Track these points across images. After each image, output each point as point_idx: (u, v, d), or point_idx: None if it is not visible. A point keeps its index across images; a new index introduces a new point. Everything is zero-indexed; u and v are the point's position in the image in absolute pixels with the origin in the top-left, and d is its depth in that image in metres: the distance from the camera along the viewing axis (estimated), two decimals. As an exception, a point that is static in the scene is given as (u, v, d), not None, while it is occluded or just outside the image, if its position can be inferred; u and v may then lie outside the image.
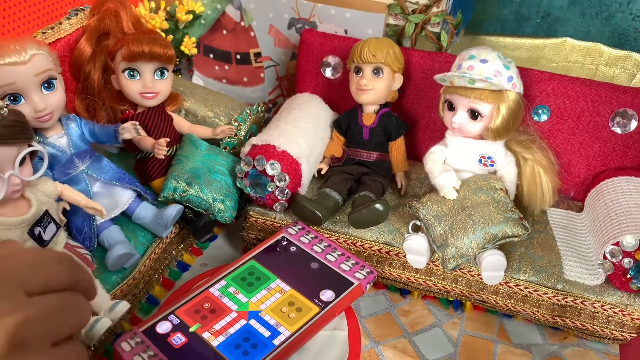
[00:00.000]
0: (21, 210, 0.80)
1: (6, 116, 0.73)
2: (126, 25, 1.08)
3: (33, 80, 0.86)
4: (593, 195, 1.06)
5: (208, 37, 1.37)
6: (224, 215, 1.03)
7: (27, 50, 0.85)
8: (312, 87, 1.23)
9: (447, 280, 1.01)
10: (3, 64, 0.84)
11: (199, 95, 1.17)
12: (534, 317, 0.99)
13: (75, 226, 0.92)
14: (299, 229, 1.00)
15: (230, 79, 1.42)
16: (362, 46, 1.05)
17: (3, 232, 0.77)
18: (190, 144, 1.06)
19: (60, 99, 0.91)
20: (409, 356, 0.96)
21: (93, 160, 0.95)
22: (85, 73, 1.07)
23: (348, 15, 1.21)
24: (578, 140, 1.10)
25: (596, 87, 1.07)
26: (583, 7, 1.50)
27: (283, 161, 1.00)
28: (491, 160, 1.00)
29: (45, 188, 0.84)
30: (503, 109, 0.95)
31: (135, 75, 1.01)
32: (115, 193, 0.96)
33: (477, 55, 0.96)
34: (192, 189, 1.00)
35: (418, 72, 1.14)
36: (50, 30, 1.07)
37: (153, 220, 0.97)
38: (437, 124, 1.16)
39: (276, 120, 1.12)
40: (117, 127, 0.95)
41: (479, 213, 0.93)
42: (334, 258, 0.93)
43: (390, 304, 1.06)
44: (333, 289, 0.87)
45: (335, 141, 1.14)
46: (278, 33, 1.31)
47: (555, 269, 0.96)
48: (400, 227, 1.02)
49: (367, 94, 1.07)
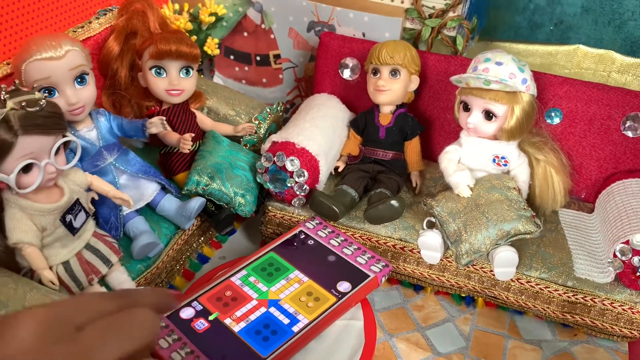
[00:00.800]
0: (54, 198, 0.84)
1: (44, 107, 0.77)
2: (153, 25, 1.12)
3: (67, 75, 0.90)
4: (604, 197, 1.09)
5: (229, 38, 1.41)
6: (244, 209, 1.06)
7: (63, 46, 0.90)
8: (330, 87, 1.27)
9: (460, 276, 1.03)
10: (40, 58, 0.88)
11: (220, 94, 1.21)
12: (545, 314, 1.01)
13: (102, 216, 0.96)
14: (317, 223, 1.03)
15: (249, 79, 1.46)
16: (381, 48, 1.09)
17: (37, 217, 0.81)
18: (212, 140, 1.10)
19: (91, 93, 0.95)
20: (422, 349, 0.99)
21: (121, 153, 0.99)
22: (112, 70, 1.11)
23: (366, 19, 1.25)
24: (590, 143, 1.13)
25: (608, 91, 1.10)
26: (596, 15, 1.52)
27: (302, 158, 1.03)
28: (505, 160, 1.03)
29: (76, 178, 0.88)
30: (517, 110, 0.98)
31: (162, 73, 1.05)
32: (140, 185, 1.00)
33: (492, 58, 0.99)
34: (214, 183, 1.03)
35: (434, 75, 1.18)
36: (80, 29, 1.12)
37: (177, 212, 1.01)
38: (451, 125, 1.19)
39: (295, 119, 1.15)
40: (144, 122, 0.99)
41: (493, 210, 0.95)
42: (350, 252, 0.97)
43: (404, 298, 1.09)
44: (349, 281, 0.90)
45: (352, 140, 1.17)
46: (297, 35, 1.34)
47: (566, 267, 0.98)
48: (414, 224, 1.04)
49: (384, 94, 1.10)
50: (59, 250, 0.85)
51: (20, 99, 0.75)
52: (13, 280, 0.78)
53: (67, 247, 0.86)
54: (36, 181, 0.78)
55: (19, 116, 0.74)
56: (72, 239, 0.86)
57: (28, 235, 0.80)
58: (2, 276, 0.78)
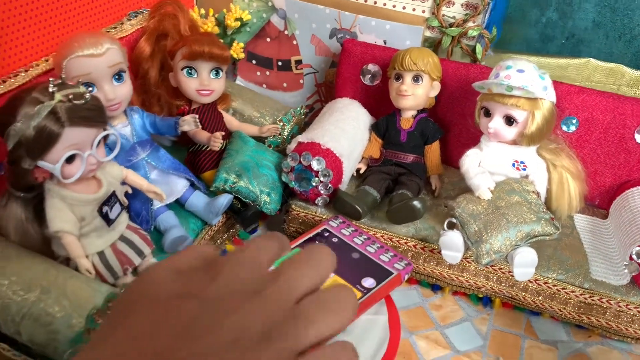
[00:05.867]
0: (92, 189, 0.87)
1: (89, 100, 0.81)
2: (183, 27, 1.16)
3: (106, 71, 0.94)
4: (618, 203, 1.12)
5: (252, 43, 1.45)
6: (269, 206, 1.09)
7: (103, 44, 0.93)
8: (351, 92, 1.30)
9: (479, 276, 1.06)
10: (82, 55, 0.91)
11: (246, 97, 1.25)
12: (561, 315, 1.04)
13: (134, 209, 0.98)
14: (340, 222, 1.06)
15: (270, 84, 1.49)
16: (404, 55, 1.13)
17: (77, 207, 0.84)
18: (239, 139, 1.13)
19: (128, 90, 0.98)
20: (441, 346, 1.02)
21: (152, 149, 1.03)
22: (143, 70, 1.14)
23: (388, 27, 1.29)
24: (604, 150, 1.16)
25: (623, 101, 1.13)
26: (607, 30, 1.57)
27: (327, 158, 1.07)
28: (524, 164, 1.06)
29: (112, 171, 0.91)
30: (538, 116, 1.01)
31: (193, 74, 1.09)
32: (171, 181, 1.03)
33: (514, 65, 1.03)
34: (241, 181, 1.06)
35: (453, 82, 1.21)
36: (112, 30, 1.15)
37: (205, 208, 1.04)
38: (469, 131, 1.22)
39: (319, 121, 1.19)
40: (177, 120, 1.02)
41: (513, 212, 0.98)
42: (373, 250, 0.99)
43: (422, 298, 1.12)
44: (374, 277, 0.93)
45: (373, 143, 1.20)
46: (319, 42, 1.38)
47: (582, 269, 1.01)
48: (435, 225, 1.07)
49: (406, 99, 1.14)
50: (94, 241, 0.88)
51: (68, 92, 0.79)
52: (54, 267, 0.81)
53: (103, 237, 0.89)
54: (79, 171, 0.81)
55: (66, 108, 0.78)
56: (107, 230, 0.89)
57: (68, 225, 0.83)
58: (44, 263, 0.81)
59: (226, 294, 0.27)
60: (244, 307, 0.26)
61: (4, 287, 0.77)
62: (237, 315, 0.26)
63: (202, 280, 0.28)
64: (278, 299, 0.27)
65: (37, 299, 0.76)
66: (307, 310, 0.27)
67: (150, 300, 0.27)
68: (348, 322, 0.28)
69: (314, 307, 0.27)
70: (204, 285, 0.27)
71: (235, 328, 0.25)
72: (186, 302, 0.26)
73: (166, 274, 0.28)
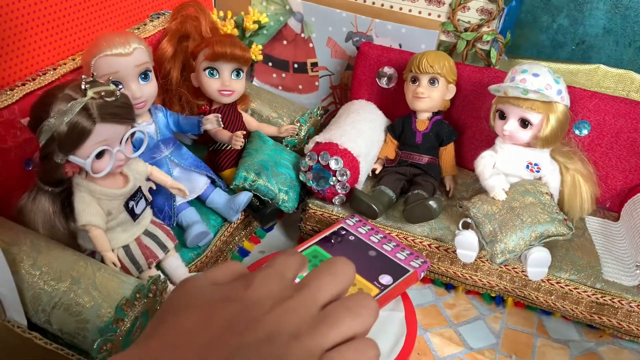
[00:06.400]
0: (119, 184, 0.89)
1: (119, 98, 0.83)
2: (204, 29, 1.19)
3: (133, 70, 0.97)
4: (630, 205, 1.14)
5: (269, 46, 1.48)
6: (287, 205, 1.12)
7: (131, 43, 0.96)
8: (366, 94, 1.33)
9: (493, 276, 1.08)
10: (110, 54, 0.94)
11: (264, 98, 1.28)
12: (573, 314, 1.06)
13: (157, 205, 1.01)
14: (356, 221, 1.08)
15: (286, 86, 1.52)
16: (421, 58, 1.15)
17: (105, 202, 0.87)
18: (258, 139, 1.16)
19: (153, 89, 1.01)
20: (455, 344, 1.04)
21: (175, 147, 1.05)
22: (165, 70, 1.17)
23: (403, 30, 1.32)
24: (616, 154, 1.18)
25: (635, 105, 1.15)
26: (617, 37, 1.59)
27: (344, 158, 1.09)
28: (537, 167, 1.08)
29: (138, 167, 0.94)
30: (552, 119, 1.03)
31: (215, 74, 1.11)
32: (192, 178, 1.06)
33: (529, 69, 1.05)
34: (260, 179, 1.09)
35: (468, 85, 1.24)
36: (135, 31, 1.18)
37: (225, 205, 1.06)
38: (483, 134, 1.25)
39: (336, 122, 1.21)
40: (200, 118, 1.05)
41: (527, 213, 1.01)
42: (390, 248, 1.02)
43: (436, 297, 1.14)
44: (391, 274, 0.95)
45: (389, 144, 1.23)
46: (335, 45, 1.41)
47: (594, 270, 1.03)
48: (450, 225, 1.10)
49: (422, 101, 1.16)
50: (120, 235, 0.90)
51: (99, 89, 0.81)
52: (83, 259, 0.83)
53: (128, 232, 0.91)
54: (108, 167, 0.84)
55: (97, 105, 0.80)
56: (132, 224, 0.91)
57: (96, 218, 0.85)
58: (73, 255, 0.84)
59: (260, 299, 0.31)
60: (276, 310, 0.30)
61: (36, 278, 0.79)
62: (271, 316, 0.30)
63: (238, 289, 0.32)
64: (305, 305, 0.31)
65: (67, 289, 0.78)
66: (331, 313, 0.31)
67: (197, 302, 0.32)
68: (369, 324, 0.32)
69: (337, 311, 0.31)
70: (240, 292, 0.32)
71: (269, 327, 0.29)
72: (228, 304, 0.31)
73: (205, 284, 0.33)
